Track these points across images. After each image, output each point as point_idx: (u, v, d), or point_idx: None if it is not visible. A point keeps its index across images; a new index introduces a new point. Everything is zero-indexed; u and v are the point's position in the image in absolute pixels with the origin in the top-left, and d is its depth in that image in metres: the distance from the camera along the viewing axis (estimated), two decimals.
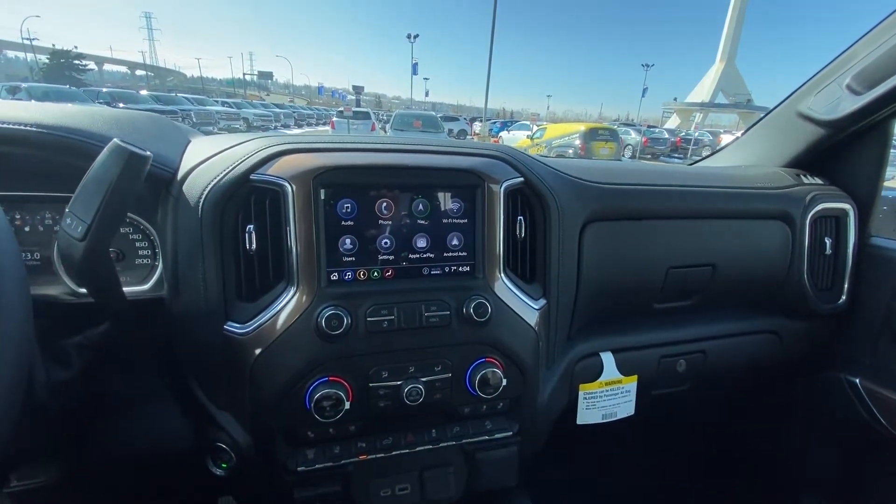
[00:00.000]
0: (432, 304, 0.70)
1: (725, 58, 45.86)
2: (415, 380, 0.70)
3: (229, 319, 0.67)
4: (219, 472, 0.72)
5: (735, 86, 47.28)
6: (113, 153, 0.52)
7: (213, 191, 0.64)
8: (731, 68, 46.54)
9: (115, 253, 0.72)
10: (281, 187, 0.64)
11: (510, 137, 18.37)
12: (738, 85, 48.92)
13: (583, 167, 0.92)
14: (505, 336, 0.75)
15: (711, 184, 0.99)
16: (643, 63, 69.07)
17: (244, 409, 0.69)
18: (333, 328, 0.64)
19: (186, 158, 0.70)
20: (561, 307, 0.83)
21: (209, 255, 0.65)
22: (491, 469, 0.81)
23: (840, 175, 1.11)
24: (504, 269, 0.76)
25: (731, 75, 47.03)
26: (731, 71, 46.67)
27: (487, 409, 0.78)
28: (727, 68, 46.21)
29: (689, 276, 0.95)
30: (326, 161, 0.66)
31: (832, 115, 1.03)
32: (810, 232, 1.03)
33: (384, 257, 0.70)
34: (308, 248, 0.65)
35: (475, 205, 0.73)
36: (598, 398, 0.93)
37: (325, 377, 0.67)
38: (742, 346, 1.06)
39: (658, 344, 0.99)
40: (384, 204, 0.69)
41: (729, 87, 50.46)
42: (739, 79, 48.07)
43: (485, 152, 0.77)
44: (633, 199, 0.90)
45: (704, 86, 50.67)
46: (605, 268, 0.88)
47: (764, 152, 1.21)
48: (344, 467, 0.73)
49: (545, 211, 0.80)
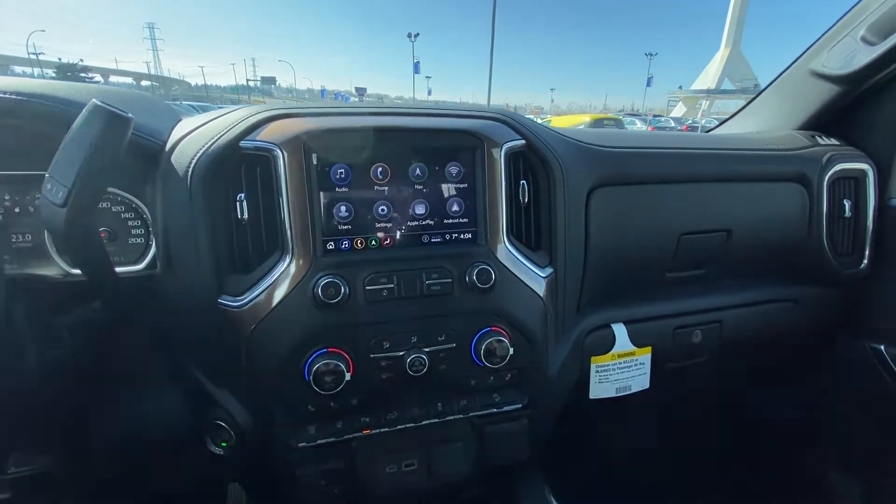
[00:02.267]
0: (433, 272, 0.67)
1: (730, 43, 45.21)
2: (418, 350, 0.68)
3: (223, 293, 0.65)
4: (219, 451, 0.70)
5: (741, 71, 46.58)
6: (92, 114, 0.50)
7: (202, 160, 0.62)
8: (736, 53, 45.89)
9: (108, 232, 0.71)
10: (271, 153, 0.62)
11: None
12: (745, 70, 48.22)
13: (588, 133, 0.88)
14: (511, 304, 0.72)
15: (723, 146, 0.95)
16: (647, 52, 68.42)
17: (242, 384, 0.67)
18: (331, 297, 0.62)
19: (176, 131, 0.68)
20: (569, 276, 0.80)
21: (200, 226, 0.63)
22: (501, 443, 0.78)
23: (857, 135, 1.06)
24: (507, 235, 0.73)
25: (737, 60, 46.38)
26: (737, 56, 46.01)
27: (495, 381, 0.75)
28: (732, 54, 45.56)
29: (702, 242, 0.91)
30: (318, 124, 0.64)
31: (847, 69, 0.98)
32: (828, 194, 0.99)
33: (381, 225, 0.68)
34: (302, 215, 0.63)
35: (475, 169, 0.71)
36: (610, 371, 0.90)
37: (323, 348, 0.64)
38: (760, 315, 1.02)
39: (672, 314, 0.95)
40: (379, 169, 0.67)
41: (735, 73, 49.74)
42: (745, 64, 47.37)
43: (484, 114, 0.74)
44: (641, 162, 0.87)
45: (710, 73, 50.00)
46: (613, 235, 0.84)
47: (776, 116, 1.17)
48: (347, 443, 0.70)
49: (549, 175, 0.76)
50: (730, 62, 48.39)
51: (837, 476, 1.16)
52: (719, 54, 47.74)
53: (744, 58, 48.30)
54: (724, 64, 48.63)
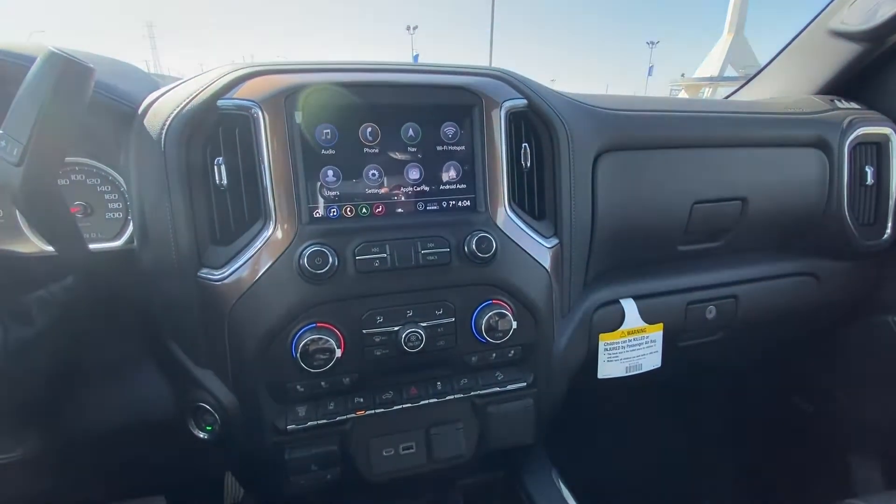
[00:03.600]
0: (429, 241, 0.63)
1: (733, 29, 44.57)
2: (414, 324, 0.63)
3: (203, 265, 0.60)
4: (203, 436, 0.66)
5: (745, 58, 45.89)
6: (47, 62, 0.45)
7: (177, 121, 0.58)
8: (739, 40, 45.26)
9: (83, 206, 0.67)
10: (250, 111, 0.57)
11: None
12: (748, 57, 47.54)
13: (594, 96, 0.83)
14: (513, 276, 0.67)
15: (738, 110, 0.89)
16: (648, 41, 67.60)
17: (225, 364, 0.62)
18: (318, 267, 0.57)
19: (151, 95, 0.63)
20: (575, 248, 0.75)
21: (176, 194, 0.58)
22: (504, 424, 0.73)
23: (880, 98, 1.01)
24: (509, 203, 0.68)
25: (741, 47, 45.75)
26: (740, 42, 45.40)
27: (497, 358, 0.71)
28: (735, 40, 44.92)
29: (716, 212, 0.86)
30: (300, 80, 0.59)
31: (870, 24, 0.92)
32: (849, 160, 0.93)
33: (372, 191, 0.63)
34: (285, 179, 0.58)
35: (473, 130, 0.66)
36: (620, 349, 0.85)
37: (312, 323, 0.60)
38: (777, 290, 0.97)
39: (684, 289, 0.90)
40: (369, 129, 0.62)
41: (738, 60, 49.05)
42: (749, 50, 46.68)
43: (481, 71, 0.69)
44: (651, 125, 0.81)
45: (713, 60, 49.28)
46: (622, 203, 0.79)
47: (793, 80, 1.11)
48: (340, 425, 0.66)
49: (553, 138, 0.71)
50: (733, 49, 47.72)
51: (857, 458, 1.11)
52: (722, 40, 47.06)
53: (748, 44, 47.63)
54: (727, 50, 47.94)
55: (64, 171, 0.66)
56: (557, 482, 0.81)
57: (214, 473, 1.05)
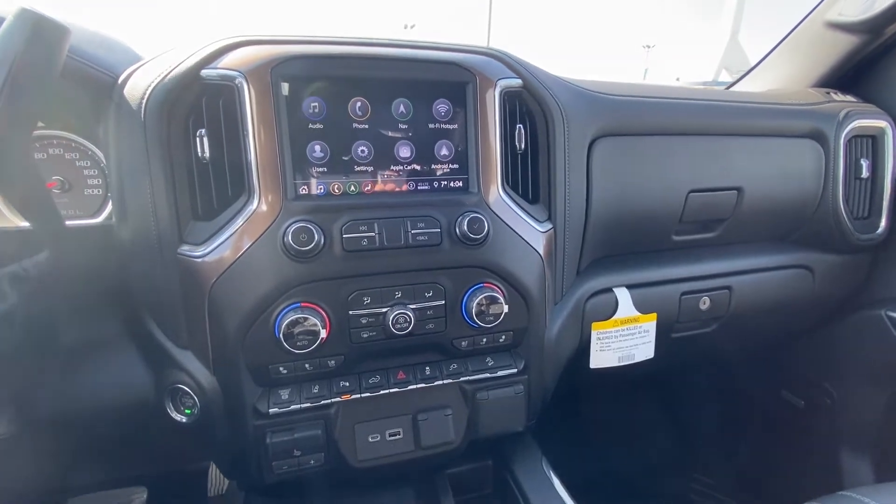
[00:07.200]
0: (419, 221, 0.61)
1: (728, 34, 45.05)
2: (402, 306, 0.61)
3: (184, 242, 0.58)
4: (182, 419, 0.64)
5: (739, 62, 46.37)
6: (18, 19, 0.43)
7: (157, 90, 0.55)
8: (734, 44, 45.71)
9: (61, 182, 0.64)
10: (235, 81, 0.55)
11: None
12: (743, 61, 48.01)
13: (593, 82, 0.82)
14: (505, 259, 0.66)
15: (735, 99, 0.88)
16: (644, 45, 67.89)
17: (205, 344, 0.60)
18: (303, 244, 0.55)
19: (132, 66, 0.61)
20: (569, 234, 0.74)
21: (156, 167, 0.56)
22: (494, 411, 0.72)
23: (875, 91, 1.00)
24: (503, 185, 0.67)
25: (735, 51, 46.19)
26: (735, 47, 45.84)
27: (488, 344, 0.69)
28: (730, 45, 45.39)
29: (711, 201, 0.85)
30: (288, 51, 0.57)
31: (868, 14, 0.91)
32: (845, 153, 0.93)
33: (361, 168, 0.61)
34: (270, 152, 0.56)
35: (466, 108, 0.64)
36: (612, 338, 0.84)
37: (296, 303, 0.58)
38: (772, 282, 0.96)
39: (679, 279, 0.89)
40: (358, 104, 0.60)
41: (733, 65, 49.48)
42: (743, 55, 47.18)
43: (476, 48, 0.67)
44: (648, 111, 0.80)
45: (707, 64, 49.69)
46: (617, 190, 0.78)
47: (789, 73, 1.10)
48: (325, 409, 0.64)
49: (548, 120, 0.70)
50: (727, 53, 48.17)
51: (848, 451, 1.11)
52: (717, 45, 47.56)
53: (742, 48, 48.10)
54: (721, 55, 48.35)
55: (42, 144, 0.63)
56: (547, 471, 0.80)
57: (197, 465, 1.03)
